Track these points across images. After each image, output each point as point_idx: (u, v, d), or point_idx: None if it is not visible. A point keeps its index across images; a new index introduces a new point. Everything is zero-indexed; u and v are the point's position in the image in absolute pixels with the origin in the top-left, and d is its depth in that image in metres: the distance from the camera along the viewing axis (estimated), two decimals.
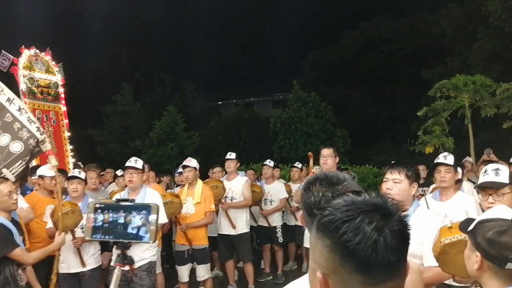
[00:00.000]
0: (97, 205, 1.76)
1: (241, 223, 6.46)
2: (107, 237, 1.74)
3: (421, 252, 2.82)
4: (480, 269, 1.70)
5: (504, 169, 2.78)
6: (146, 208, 1.73)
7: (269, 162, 7.77)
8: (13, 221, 3.77)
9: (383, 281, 0.94)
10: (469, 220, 1.87)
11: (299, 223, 7.30)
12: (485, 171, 2.81)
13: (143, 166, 4.93)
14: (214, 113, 25.70)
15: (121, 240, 1.75)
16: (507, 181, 2.72)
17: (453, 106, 11.24)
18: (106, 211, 1.75)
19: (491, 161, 7.91)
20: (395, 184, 2.91)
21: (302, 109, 17.73)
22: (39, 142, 4.34)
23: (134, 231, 1.72)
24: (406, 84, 22.07)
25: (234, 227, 6.42)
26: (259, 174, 8.91)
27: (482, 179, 2.81)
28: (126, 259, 1.84)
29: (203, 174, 8.54)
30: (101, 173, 8.01)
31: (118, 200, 1.79)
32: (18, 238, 3.62)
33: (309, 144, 17.25)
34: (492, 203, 2.70)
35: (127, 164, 4.81)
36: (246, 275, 6.57)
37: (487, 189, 2.75)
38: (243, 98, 31.71)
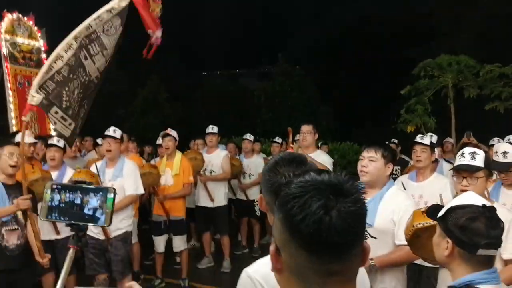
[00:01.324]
0: (54, 186, 1.71)
1: (219, 196, 6.47)
2: (62, 218, 1.70)
3: (392, 230, 2.87)
4: (450, 256, 1.71)
5: (480, 153, 2.79)
6: (103, 191, 1.68)
7: (249, 137, 7.76)
8: (16, 184, 3.79)
9: (329, 262, 0.91)
10: (436, 207, 1.87)
11: None
12: (462, 154, 2.81)
13: (122, 136, 4.89)
14: (199, 84, 25.41)
15: (75, 222, 1.70)
16: (482, 165, 2.73)
17: (436, 86, 11.28)
18: (63, 191, 1.70)
19: (471, 144, 8.02)
20: (370, 162, 2.94)
21: (286, 83, 17.65)
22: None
23: (90, 212, 1.68)
24: (391, 62, 22.07)
25: (212, 199, 6.43)
26: (241, 147, 8.89)
27: (458, 161, 2.82)
28: (80, 242, 1.80)
29: (185, 146, 8.51)
30: (81, 141, 7.90)
31: (76, 182, 1.74)
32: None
33: (292, 119, 17.25)
34: (466, 186, 2.71)
35: (105, 133, 4.77)
36: (222, 247, 6.62)
37: (462, 172, 2.76)
38: (228, 69, 31.38)
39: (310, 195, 0.91)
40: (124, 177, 4.60)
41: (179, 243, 5.80)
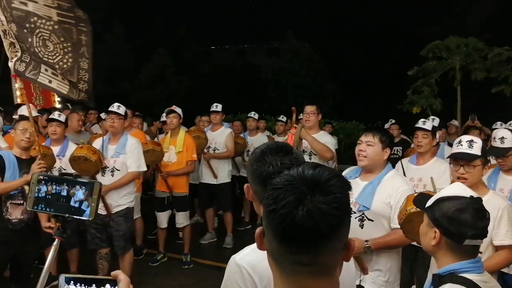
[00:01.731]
0: (41, 177, 1.74)
1: (222, 173, 6.53)
2: (48, 209, 1.73)
3: (389, 213, 2.92)
4: (438, 245, 1.75)
5: (477, 141, 2.80)
6: (89, 185, 1.71)
7: (254, 115, 7.76)
8: (30, 159, 3.89)
9: (297, 253, 0.95)
10: (423, 196, 1.90)
11: None
12: (459, 142, 2.83)
13: (126, 113, 4.91)
14: (206, 58, 25.21)
15: (61, 214, 1.74)
16: (479, 153, 2.75)
17: (444, 68, 11.18)
18: (50, 183, 1.73)
19: (475, 127, 7.99)
20: (368, 146, 2.97)
21: (294, 60, 17.51)
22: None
23: (76, 205, 1.71)
24: (402, 41, 21.75)
25: (215, 176, 6.49)
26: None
27: (455, 149, 2.83)
28: (65, 233, 1.84)
29: (191, 122, 8.54)
30: (86, 114, 7.94)
31: (62, 174, 1.77)
32: (9, 172, 3.72)
33: (299, 96, 17.18)
34: (462, 174, 2.74)
35: (109, 109, 4.79)
36: (225, 223, 6.71)
37: (459, 160, 2.77)
38: (237, 44, 31.06)
39: (286, 189, 0.95)
40: (126, 154, 4.64)
41: (182, 219, 5.89)
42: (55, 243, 1.80)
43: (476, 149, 2.75)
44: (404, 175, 3.98)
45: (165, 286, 5.28)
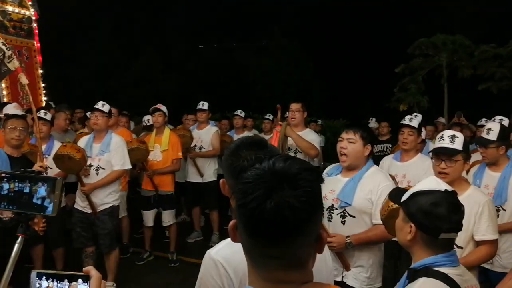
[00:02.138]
0: (3, 174, 1.72)
1: (208, 172, 6.51)
2: (11, 207, 1.71)
3: (370, 209, 2.94)
4: (413, 240, 1.75)
5: (459, 136, 2.81)
6: (51, 181, 1.70)
7: (240, 113, 7.76)
8: (21, 157, 3.93)
9: (267, 247, 0.96)
10: (398, 191, 1.90)
11: None
12: (441, 137, 2.84)
13: (110, 111, 4.88)
14: (194, 57, 25.10)
15: (24, 211, 1.72)
16: (460, 148, 2.76)
17: (430, 65, 11.30)
18: (13, 180, 1.71)
19: (461, 124, 8.06)
20: (349, 143, 2.98)
21: (281, 58, 17.53)
22: (5, 58, 4.10)
23: (39, 202, 1.69)
24: (389, 39, 21.86)
25: (201, 175, 6.48)
26: None
27: (437, 144, 2.85)
28: (28, 230, 1.82)
29: (179, 120, 8.51)
30: (72, 113, 7.87)
31: (24, 171, 1.74)
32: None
33: (286, 94, 17.20)
34: (444, 168, 2.75)
35: (94, 106, 4.76)
36: (211, 221, 6.70)
37: (441, 154, 2.78)
38: (225, 42, 30.96)
39: (256, 183, 0.95)
40: (111, 152, 4.62)
41: (168, 217, 5.87)
42: (18, 240, 1.78)
43: (458, 144, 2.76)
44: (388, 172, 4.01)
45: (152, 284, 5.26)
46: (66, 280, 1.07)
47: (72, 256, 5.02)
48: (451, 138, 2.80)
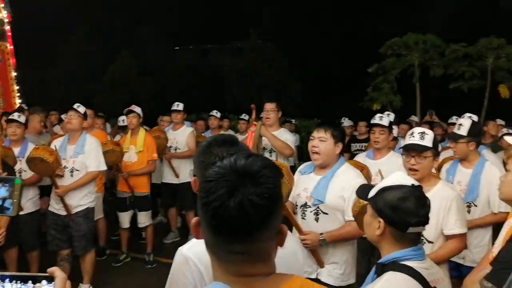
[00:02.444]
0: None
1: (184, 172, 6.50)
2: None
3: (343, 206, 2.98)
4: (382, 235, 1.78)
5: (429, 133, 2.87)
6: (11, 181, 1.69)
7: (216, 113, 7.77)
8: None
9: (231, 243, 0.98)
10: (365, 187, 1.94)
11: None
12: (412, 134, 2.89)
13: (85, 113, 4.84)
14: (170, 59, 24.94)
15: None
16: (430, 145, 2.82)
17: (403, 64, 11.48)
18: None
19: (433, 122, 8.23)
20: (320, 142, 3.02)
21: (257, 59, 17.57)
22: None
23: (0, 202, 1.69)
24: (363, 39, 22.12)
25: (177, 176, 6.46)
26: None
27: (407, 141, 2.91)
28: None
29: (155, 122, 8.46)
30: (47, 116, 7.76)
31: None
32: None
33: (263, 95, 17.26)
34: (414, 165, 2.81)
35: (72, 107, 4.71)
36: (188, 222, 6.69)
37: (411, 151, 2.84)
38: (201, 44, 30.82)
39: (218, 181, 0.97)
40: (85, 153, 4.57)
41: (144, 218, 5.83)
42: None
43: (428, 141, 2.82)
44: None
45: (128, 286, 5.24)
46: (30, 282, 1.08)
47: (47, 258, 4.95)
48: (421, 135, 2.86)
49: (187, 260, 1.46)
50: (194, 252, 1.46)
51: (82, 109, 4.72)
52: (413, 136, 2.88)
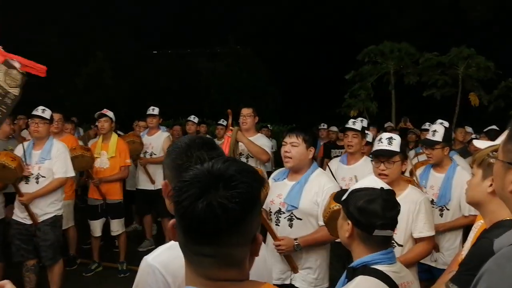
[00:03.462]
0: None
1: (160, 178, 6.38)
2: None
3: (316, 211, 2.98)
4: (351, 237, 1.78)
5: (396, 138, 2.91)
6: None
7: (193, 118, 7.70)
8: None
9: (199, 245, 0.98)
10: (343, 191, 1.93)
11: None
12: (380, 140, 2.93)
13: (51, 117, 4.67)
14: (147, 63, 24.72)
15: None
16: (398, 149, 2.86)
17: (379, 72, 11.63)
18: None
19: (407, 128, 8.35)
20: (293, 147, 3.03)
21: (235, 65, 17.59)
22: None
23: None
24: (340, 46, 22.36)
25: (153, 182, 6.36)
26: None
27: (376, 147, 2.94)
28: None
29: (131, 127, 8.32)
30: (14, 121, 7.54)
31: None
32: None
33: (241, 100, 17.23)
34: (383, 170, 2.83)
35: (33, 112, 4.54)
36: (164, 230, 6.57)
37: (380, 156, 2.87)
38: (179, 48, 30.68)
39: (192, 182, 0.97)
40: (52, 159, 4.42)
41: (117, 226, 5.69)
42: None
43: (395, 146, 2.86)
44: (333, 176, 4.09)
45: None
46: None
47: (13, 270, 4.78)
48: (389, 140, 2.90)
49: (153, 270, 1.39)
50: (160, 261, 1.39)
51: (47, 113, 4.55)
52: (381, 142, 2.93)
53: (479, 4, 16.49)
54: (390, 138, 2.88)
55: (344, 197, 1.83)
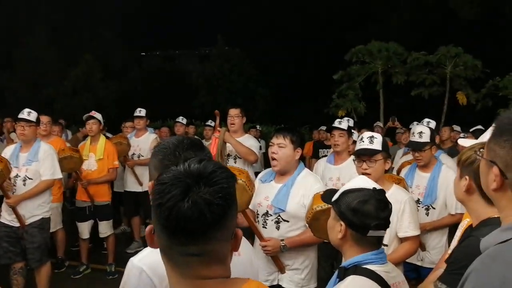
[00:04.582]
0: None
1: (148, 180, 6.35)
2: None
3: (303, 213, 2.95)
4: (343, 238, 1.77)
5: (378, 137, 2.91)
6: None
7: (182, 119, 7.68)
8: None
9: (185, 244, 0.99)
10: (331, 191, 1.94)
11: None
12: (361, 139, 2.93)
13: (38, 119, 4.63)
14: (136, 64, 24.61)
15: None
16: (380, 148, 2.86)
17: (367, 72, 11.65)
18: None
19: (395, 128, 8.39)
20: (280, 148, 3.02)
21: (225, 66, 17.58)
22: None
23: None
24: (330, 46, 22.43)
25: (141, 184, 6.34)
26: None
27: (358, 146, 2.94)
28: None
29: (119, 129, 8.28)
30: (2, 123, 7.50)
31: None
32: None
33: (231, 101, 17.24)
34: (365, 169, 2.83)
35: (19, 116, 4.50)
36: None
37: (362, 156, 2.87)
38: (168, 50, 30.61)
39: (172, 183, 0.98)
40: (39, 161, 4.39)
41: (105, 228, 5.67)
42: None
43: (377, 144, 2.86)
44: (322, 175, 4.11)
45: None
46: None
47: (0, 273, 4.74)
48: (370, 139, 2.90)
49: (139, 272, 1.39)
50: (146, 263, 1.40)
51: (33, 115, 4.49)
52: (363, 141, 2.92)
53: (467, 3, 16.62)
54: (371, 137, 2.88)
55: (335, 198, 1.82)
